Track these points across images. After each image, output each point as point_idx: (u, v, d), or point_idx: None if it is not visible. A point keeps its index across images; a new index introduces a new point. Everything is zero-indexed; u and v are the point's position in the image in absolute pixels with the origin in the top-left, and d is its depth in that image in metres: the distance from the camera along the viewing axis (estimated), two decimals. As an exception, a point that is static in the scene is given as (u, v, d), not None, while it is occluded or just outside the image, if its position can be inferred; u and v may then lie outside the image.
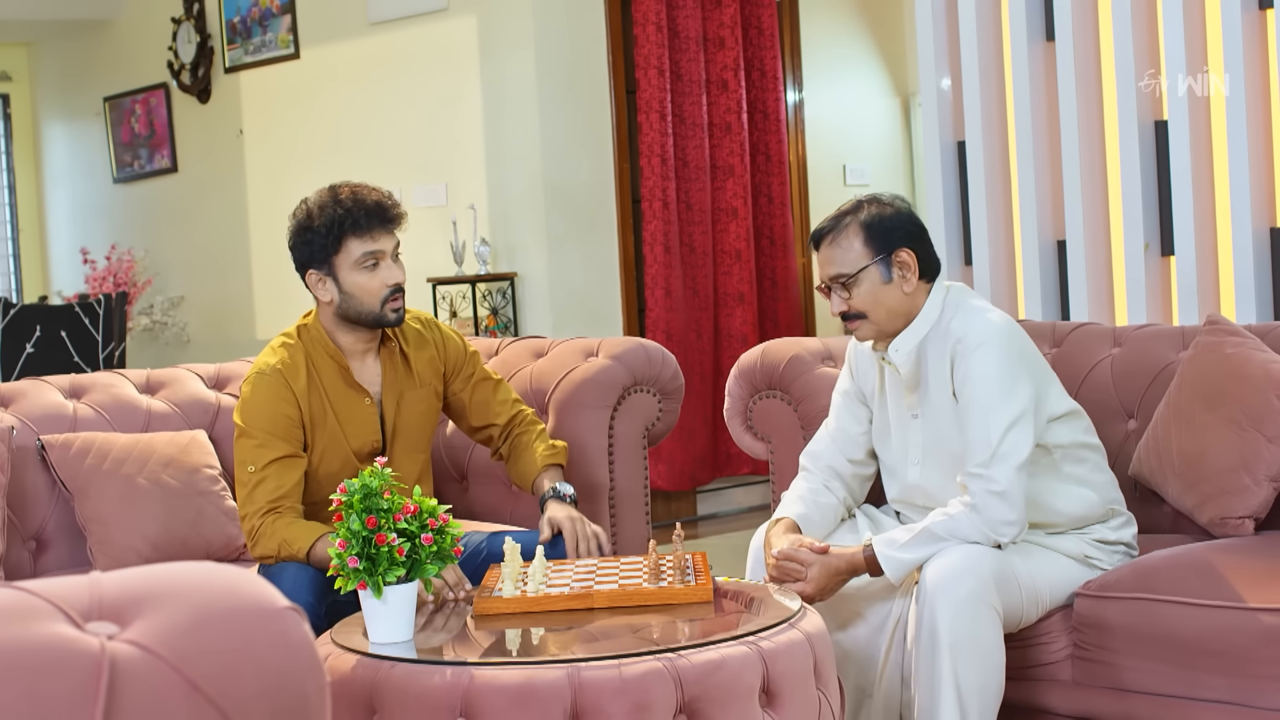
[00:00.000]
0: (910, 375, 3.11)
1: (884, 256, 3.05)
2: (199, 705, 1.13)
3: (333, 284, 3.26)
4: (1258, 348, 3.27)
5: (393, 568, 2.56)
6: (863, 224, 3.07)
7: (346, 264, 3.24)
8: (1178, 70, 4.67)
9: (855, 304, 3.07)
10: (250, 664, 1.17)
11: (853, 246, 3.07)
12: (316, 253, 3.26)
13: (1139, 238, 4.80)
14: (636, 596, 2.78)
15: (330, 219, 3.23)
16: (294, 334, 3.35)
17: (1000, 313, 3.07)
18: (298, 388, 3.26)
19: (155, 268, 8.26)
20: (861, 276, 3.05)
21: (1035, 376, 3.04)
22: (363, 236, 3.23)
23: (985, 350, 2.97)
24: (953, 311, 3.07)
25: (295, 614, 1.21)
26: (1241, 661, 2.80)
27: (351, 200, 3.25)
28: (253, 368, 3.32)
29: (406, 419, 3.38)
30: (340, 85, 7.20)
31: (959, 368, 3.00)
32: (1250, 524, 3.18)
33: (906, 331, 3.08)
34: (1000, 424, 2.93)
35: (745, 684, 2.44)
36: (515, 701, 2.37)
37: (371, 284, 3.24)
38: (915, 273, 3.06)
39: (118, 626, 1.16)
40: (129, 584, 1.21)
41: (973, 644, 2.84)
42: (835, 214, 3.13)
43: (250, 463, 3.20)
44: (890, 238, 3.06)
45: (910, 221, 3.11)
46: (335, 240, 3.23)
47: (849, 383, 3.30)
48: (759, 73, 7.17)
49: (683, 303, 6.79)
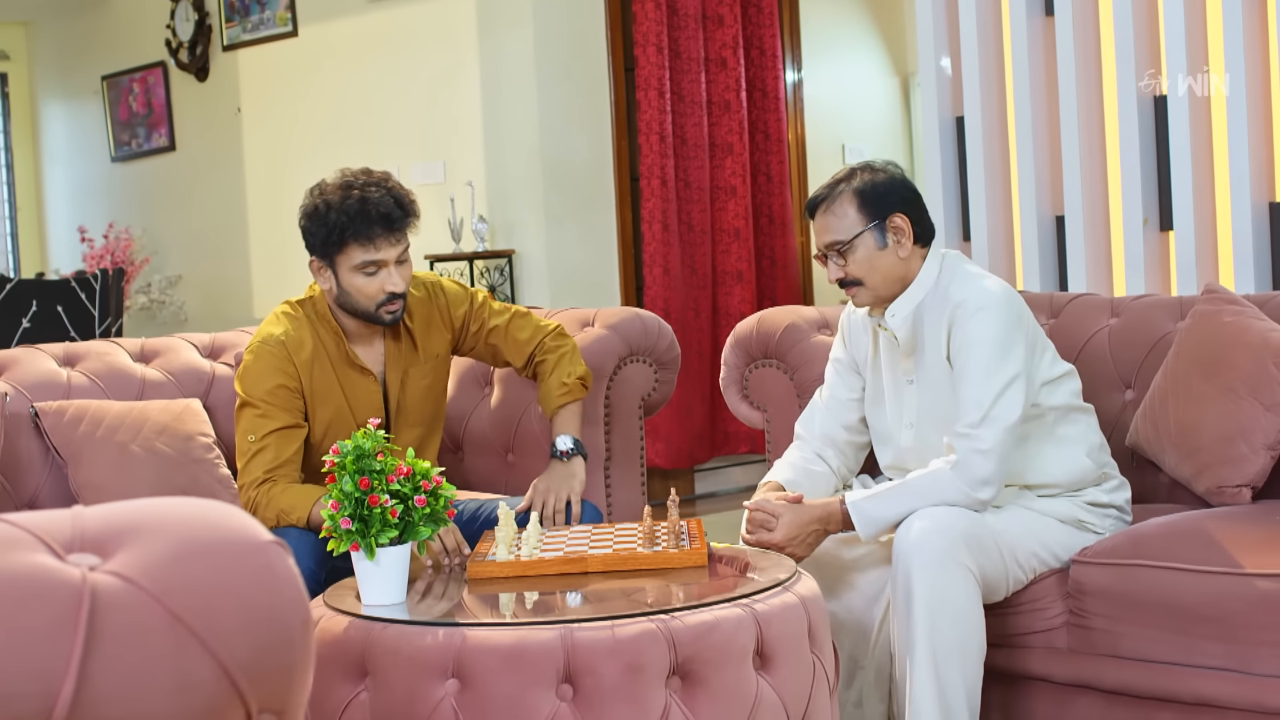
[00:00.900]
0: (907, 340, 3.11)
1: (878, 223, 3.07)
2: (181, 637, 1.12)
3: (331, 277, 3.24)
4: (1256, 316, 3.26)
5: (385, 529, 2.55)
6: (856, 191, 3.09)
7: (346, 265, 3.20)
8: (1178, 48, 4.65)
9: (851, 270, 3.09)
10: (233, 597, 1.16)
11: (847, 213, 3.08)
12: (318, 245, 3.22)
13: (1138, 213, 4.78)
14: (630, 561, 2.78)
15: (335, 220, 3.17)
16: (298, 305, 3.33)
17: (997, 279, 3.08)
18: (300, 360, 3.25)
19: (153, 246, 8.25)
20: (856, 243, 3.07)
21: (1031, 342, 3.04)
22: (365, 245, 3.18)
23: (984, 315, 2.97)
24: (949, 277, 3.08)
25: (279, 548, 1.20)
26: (1238, 628, 2.79)
27: (358, 206, 3.16)
28: (255, 336, 3.30)
29: (410, 396, 3.38)
30: (338, 63, 7.18)
31: (956, 332, 3.01)
32: (1247, 493, 3.17)
33: (903, 297, 3.09)
34: (994, 387, 2.94)
35: (739, 646, 2.44)
36: (508, 662, 2.36)
37: (368, 288, 3.21)
38: (909, 237, 3.08)
39: (99, 558, 1.14)
40: (111, 517, 1.20)
41: (946, 602, 2.84)
42: (829, 182, 3.15)
43: (251, 432, 3.20)
44: (883, 203, 3.07)
45: (903, 187, 3.12)
46: (337, 242, 3.19)
47: (842, 351, 3.31)
48: (758, 51, 7.15)
49: (681, 281, 6.78)
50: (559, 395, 3.42)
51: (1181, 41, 4.65)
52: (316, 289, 3.34)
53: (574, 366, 3.46)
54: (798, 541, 2.99)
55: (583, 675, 2.36)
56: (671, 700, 2.39)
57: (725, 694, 2.41)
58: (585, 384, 3.46)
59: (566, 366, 3.45)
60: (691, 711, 2.39)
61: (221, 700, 1.14)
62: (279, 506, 3.10)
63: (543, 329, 3.51)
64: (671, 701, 2.38)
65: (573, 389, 3.43)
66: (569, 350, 3.49)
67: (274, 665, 1.17)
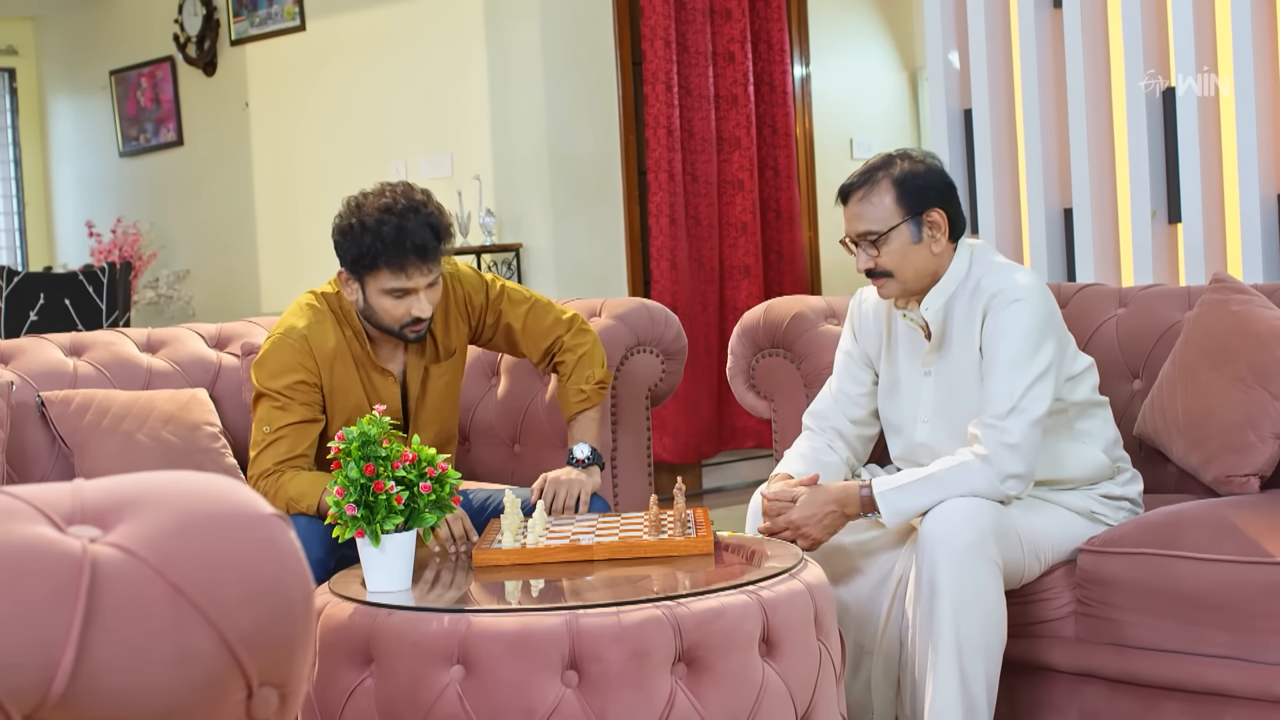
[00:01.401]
0: (937, 333, 3.07)
1: (915, 216, 3.01)
2: (182, 609, 1.12)
3: (359, 291, 3.19)
4: (1264, 305, 3.24)
5: (391, 516, 2.54)
6: (895, 180, 3.02)
7: (375, 286, 3.15)
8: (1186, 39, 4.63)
9: (883, 262, 3.03)
10: (234, 569, 1.16)
11: (884, 203, 3.02)
12: (349, 261, 3.17)
13: (1146, 205, 4.77)
14: (636, 548, 2.77)
15: (370, 244, 3.11)
16: (323, 298, 3.29)
17: (1028, 271, 3.05)
18: (322, 356, 3.22)
19: (161, 241, 8.25)
20: (891, 235, 3.01)
21: (1059, 336, 3.02)
22: (397, 272, 3.12)
23: (1020, 306, 2.94)
24: (981, 269, 3.04)
25: (281, 521, 1.20)
26: (1245, 616, 2.78)
27: (395, 234, 3.09)
28: (277, 325, 3.26)
29: (431, 396, 3.36)
30: (346, 57, 7.18)
31: (990, 322, 2.96)
32: (1255, 482, 3.16)
33: (936, 289, 3.04)
34: (1024, 379, 2.90)
35: (745, 633, 2.43)
36: (513, 648, 2.35)
37: (395, 310, 3.17)
38: (945, 233, 3.02)
39: (100, 530, 1.14)
40: (113, 490, 1.19)
41: (974, 597, 2.81)
42: (865, 168, 3.07)
43: (268, 423, 3.17)
44: (923, 197, 3.01)
45: (942, 180, 3.06)
46: (369, 264, 3.13)
47: (851, 344, 3.27)
48: (765, 45, 7.14)
49: (688, 275, 6.77)
50: (577, 403, 3.40)
51: (1190, 33, 4.63)
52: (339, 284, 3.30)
53: (593, 369, 3.43)
54: (814, 521, 2.95)
55: (588, 662, 2.35)
56: (677, 687, 2.38)
57: (731, 681, 2.40)
58: (604, 387, 3.44)
59: (585, 369, 3.42)
60: (697, 698, 2.38)
61: (222, 673, 1.13)
62: (288, 495, 3.09)
63: (561, 323, 3.46)
64: (677, 688, 2.38)
65: (590, 395, 3.41)
66: (588, 350, 3.45)
67: (275, 638, 1.16)
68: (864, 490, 2.95)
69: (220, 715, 1.15)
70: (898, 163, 3.05)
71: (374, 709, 2.43)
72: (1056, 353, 2.96)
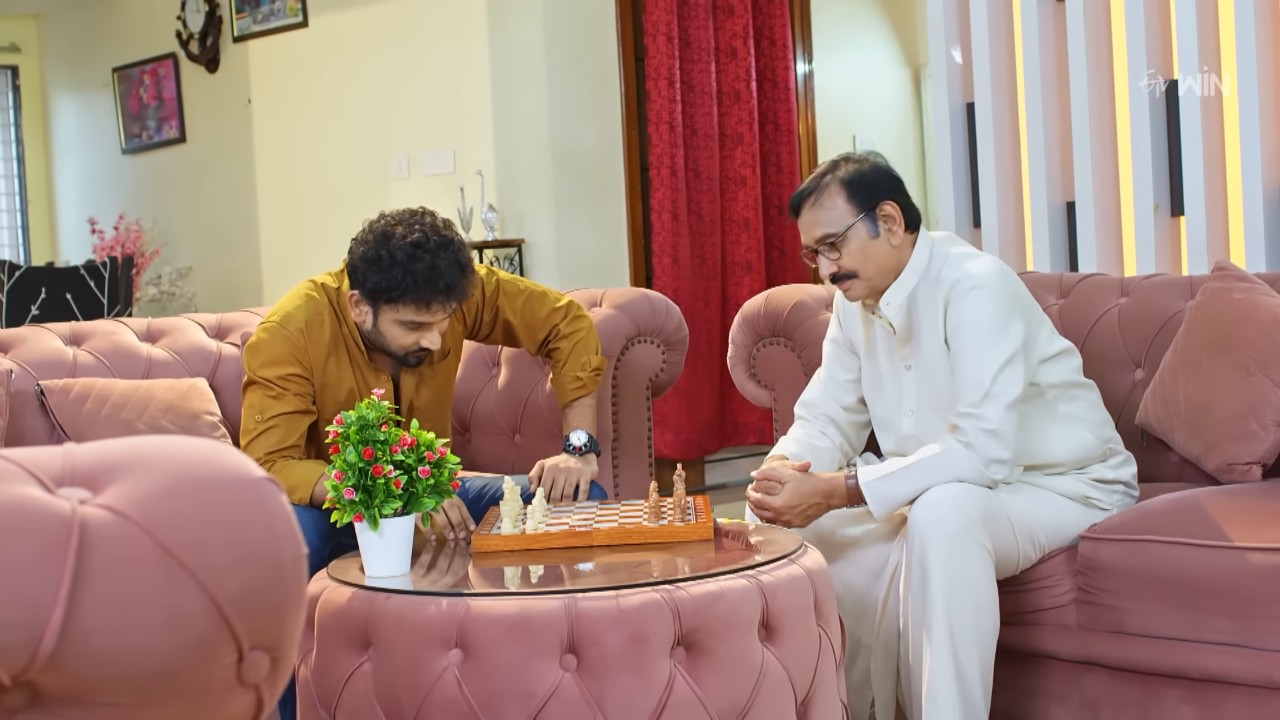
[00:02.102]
0: (903, 328, 3.08)
1: (869, 211, 3.03)
2: (171, 570, 1.11)
3: (370, 316, 3.15)
4: (1266, 293, 3.23)
5: (389, 500, 2.53)
6: (843, 181, 3.05)
7: (390, 316, 3.11)
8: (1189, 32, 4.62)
9: (845, 263, 3.05)
10: (225, 531, 1.15)
11: (836, 205, 3.04)
12: (368, 288, 3.10)
13: (1149, 198, 4.76)
14: (636, 534, 2.76)
15: (399, 279, 3.04)
16: (323, 289, 3.25)
17: (990, 256, 3.07)
18: (316, 350, 3.19)
19: (163, 238, 8.25)
20: (849, 234, 3.03)
21: (1027, 318, 3.02)
22: (421, 309, 3.09)
23: (979, 294, 2.95)
24: (941, 261, 3.06)
25: (272, 484, 1.19)
26: (1247, 603, 2.77)
27: (427, 274, 3.03)
28: (274, 313, 3.23)
29: (424, 397, 3.34)
30: (349, 53, 7.18)
31: (952, 312, 2.98)
32: (1258, 470, 3.14)
33: (896, 284, 3.06)
34: (992, 365, 2.91)
35: (744, 617, 2.42)
36: (511, 632, 2.34)
37: (404, 340, 3.14)
38: (901, 224, 3.05)
39: (90, 492, 1.13)
40: (103, 453, 1.18)
41: (964, 582, 2.81)
42: (811, 177, 3.12)
43: (259, 411, 3.14)
44: (872, 192, 3.04)
45: (888, 174, 3.10)
46: (393, 298, 3.08)
47: (838, 332, 3.29)
48: (768, 41, 7.13)
49: (690, 271, 6.76)
50: (572, 390, 3.39)
51: (1193, 27, 4.62)
52: (342, 277, 3.24)
53: (588, 356, 3.41)
54: (796, 511, 2.97)
55: (587, 645, 2.34)
56: (676, 671, 2.37)
57: (730, 665, 2.39)
58: (599, 373, 3.43)
59: (580, 356, 3.41)
60: (696, 682, 2.37)
61: (212, 635, 1.12)
62: (285, 485, 3.07)
63: (557, 311, 3.45)
64: (676, 672, 2.37)
65: (586, 382, 3.39)
66: (583, 336, 3.43)
67: (266, 601, 1.16)
68: (850, 481, 2.96)
69: (211, 678, 1.14)
70: (841, 165, 3.09)
71: (372, 693, 2.42)
72: (1024, 335, 2.96)
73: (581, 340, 3.42)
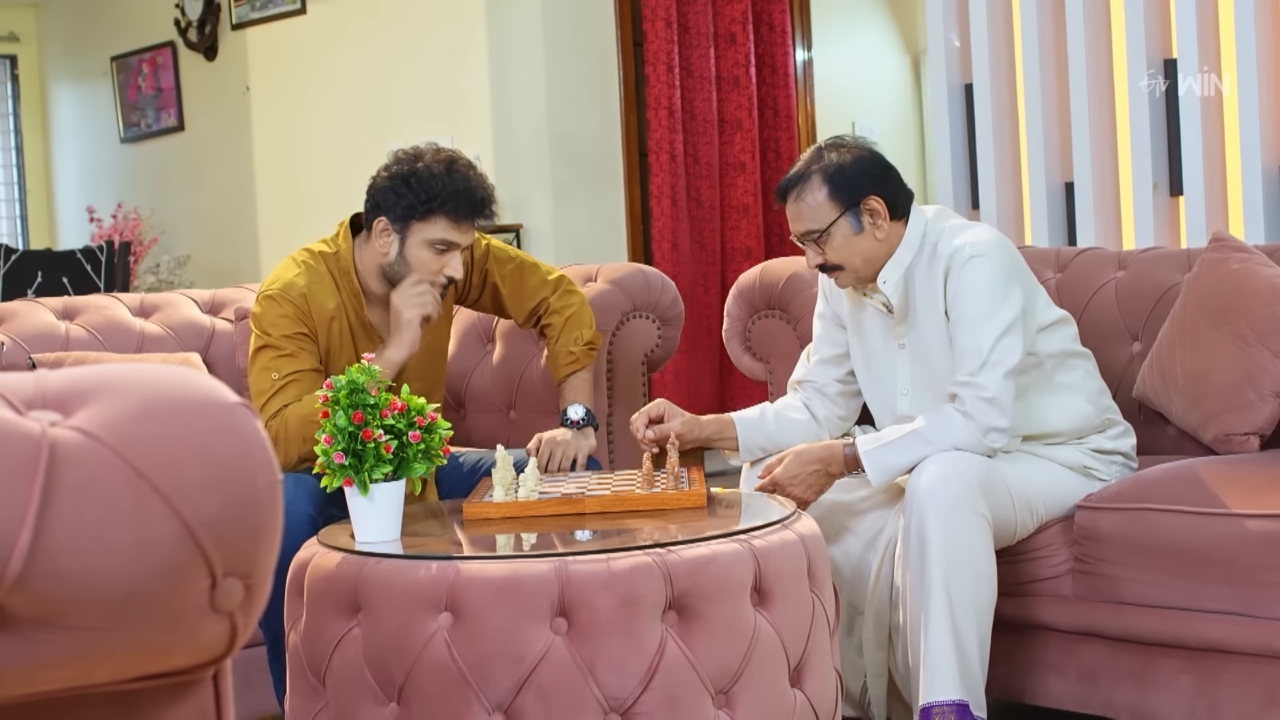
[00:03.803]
0: (899, 306, 3.06)
1: (852, 207, 3.00)
2: (143, 492, 1.09)
3: (397, 243, 3.15)
4: (1264, 263, 3.21)
5: (379, 464, 2.51)
6: (826, 176, 3.02)
7: (421, 236, 3.13)
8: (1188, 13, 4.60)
9: (830, 257, 3.05)
10: (198, 454, 1.13)
11: (818, 200, 3.02)
12: (401, 208, 3.12)
13: (1147, 178, 4.74)
14: (629, 501, 2.74)
15: (436, 189, 3.09)
16: (320, 257, 3.23)
17: (986, 226, 3.05)
18: (322, 315, 3.17)
19: (161, 226, 8.23)
20: (832, 231, 3.02)
21: (1025, 287, 3.00)
22: (453, 223, 3.12)
23: (978, 262, 2.93)
24: (936, 235, 3.04)
25: (246, 409, 1.17)
26: (1245, 570, 2.75)
27: (465, 183, 3.11)
28: (273, 280, 3.19)
29: (418, 359, 3.32)
30: (347, 40, 7.16)
31: (952, 281, 2.96)
32: (1255, 441, 3.12)
33: (891, 262, 3.04)
34: (991, 333, 2.89)
35: (736, 580, 2.40)
36: (501, 595, 2.32)
37: (431, 266, 3.14)
38: (885, 218, 3.02)
39: (61, 416, 1.12)
40: (76, 378, 1.17)
41: (963, 551, 2.79)
42: (797, 167, 3.08)
43: (275, 370, 3.09)
44: (855, 187, 3.01)
45: (873, 165, 3.05)
46: (427, 210, 3.11)
47: (824, 307, 3.29)
48: (767, 27, 7.11)
49: (689, 257, 6.74)
50: (566, 365, 3.37)
51: (1192, 12, 4.60)
52: (335, 243, 3.26)
53: (581, 330, 3.39)
54: (798, 481, 2.95)
55: (577, 608, 2.32)
56: (668, 634, 2.35)
57: (722, 629, 2.37)
58: (593, 348, 3.41)
59: (573, 330, 3.39)
60: (688, 646, 2.35)
61: (184, 559, 1.11)
62: (302, 414, 3.01)
63: (547, 284, 3.43)
64: (668, 636, 2.35)
65: (580, 356, 3.37)
66: (575, 310, 3.41)
67: (240, 526, 1.14)
68: (848, 449, 2.95)
69: (183, 604, 1.12)
70: (826, 155, 3.05)
71: (361, 658, 2.40)
72: (1023, 303, 2.94)
73: (574, 315, 3.40)
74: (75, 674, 1.11)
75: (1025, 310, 2.96)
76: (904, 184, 3.08)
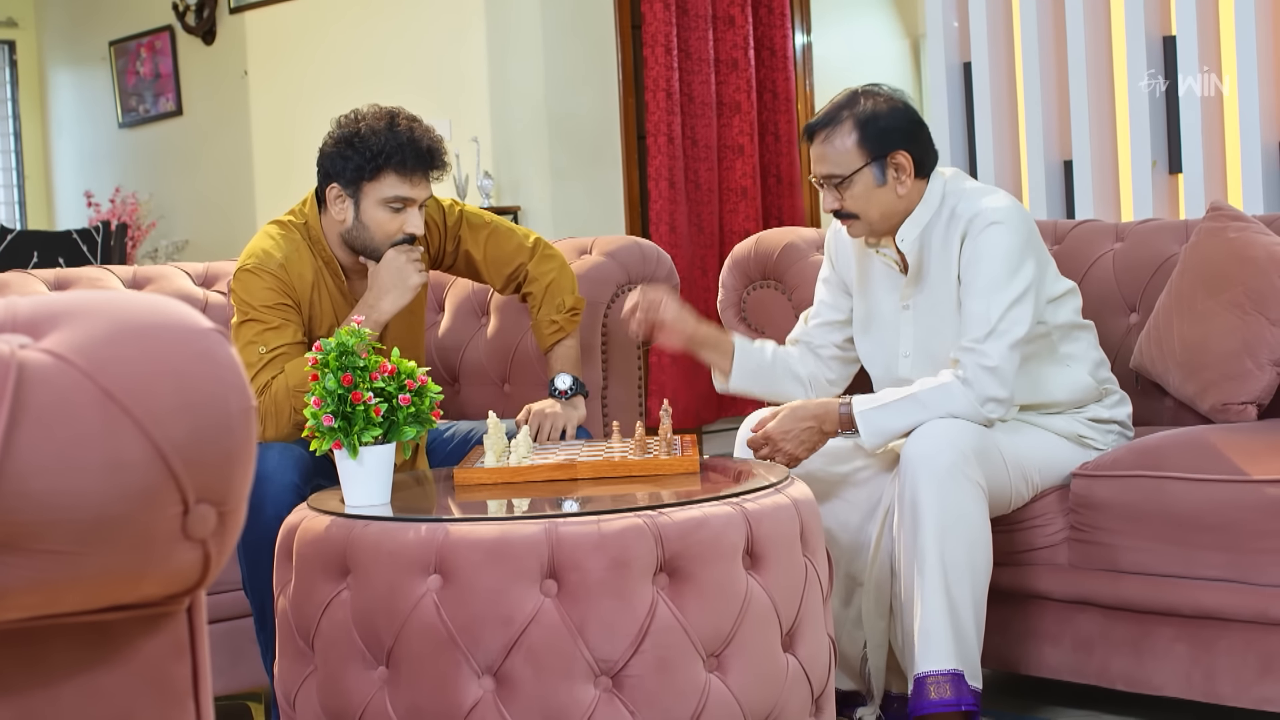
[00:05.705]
0: (914, 265, 3.03)
1: (879, 159, 2.96)
2: (113, 414, 1.08)
3: (352, 208, 3.13)
4: (1261, 231, 3.20)
5: (369, 428, 2.49)
6: (859, 122, 2.98)
7: (374, 197, 3.10)
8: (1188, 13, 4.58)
9: (848, 205, 3.00)
10: (170, 378, 1.11)
11: (846, 146, 2.98)
12: (349, 171, 3.11)
13: (1146, 155, 4.72)
14: (621, 467, 2.73)
15: (379, 146, 3.08)
16: (291, 227, 3.19)
17: (1004, 193, 3.01)
18: (301, 284, 3.13)
19: (160, 211, 8.22)
20: (855, 179, 2.98)
21: (1039, 258, 2.97)
22: (402, 178, 3.09)
23: (998, 229, 2.90)
24: (955, 198, 3.00)
25: (220, 335, 1.16)
26: (1241, 536, 2.73)
27: (408, 135, 3.09)
28: (248, 255, 3.14)
29: (395, 328, 3.29)
30: (345, 23, 7.14)
31: (968, 246, 2.93)
32: (1253, 410, 3.11)
33: (909, 221, 3.01)
34: (1002, 301, 2.87)
35: (728, 543, 2.38)
36: (491, 556, 2.31)
37: (389, 226, 3.11)
38: (910, 174, 2.98)
39: (31, 339, 1.10)
40: (46, 303, 1.15)
41: (957, 518, 2.77)
42: (830, 106, 3.04)
43: (262, 344, 3.04)
44: (886, 139, 2.97)
45: (906, 119, 3.01)
46: (374, 169, 3.09)
47: (829, 272, 3.25)
48: (766, 9, 7.09)
49: (688, 239, 6.73)
50: (550, 334, 3.33)
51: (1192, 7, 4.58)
52: (305, 213, 3.24)
53: (562, 296, 3.34)
54: (790, 437, 2.92)
55: (567, 570, 2.31)
56: (658, 597, 2.33)
57: (714, 591, 2.36)
58: (576, 313, 3.36)
59: (555, 297, 3.34)
60: (679, 609, 2.33)
61: (155, 482, 1.09)
62: (290, 385, 2.96)
63: (523, 249, 3.38)
64: (658, 598, 2.33)
65: (563, 324, 3.33)
66: (554, 277, 3.36)
67: (212, 452, 1.12)
68: (843, 408, 2.91)
69: (154, 529, 1.11)
70: (862, 101, 3.00)
71: (350, 621, 2.39)
72: (1036, 275, 2.92)
73: (554, 282, 3.36)
74: (44, 600, 1.10)
75: (1037, 282, 2.93)
76: (933, 144, 3.04)
